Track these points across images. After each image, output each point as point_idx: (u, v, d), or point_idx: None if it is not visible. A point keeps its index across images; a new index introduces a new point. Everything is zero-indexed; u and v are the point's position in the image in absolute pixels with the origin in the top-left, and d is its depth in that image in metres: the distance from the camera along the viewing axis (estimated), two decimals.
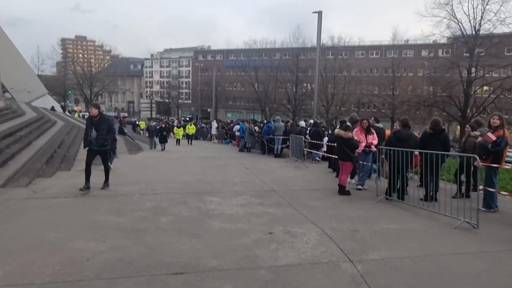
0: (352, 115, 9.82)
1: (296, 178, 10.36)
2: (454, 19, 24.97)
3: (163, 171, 11.45)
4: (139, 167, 12.45)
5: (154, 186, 8.53)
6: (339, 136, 8.06)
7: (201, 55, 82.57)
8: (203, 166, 12.90)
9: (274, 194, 8.00)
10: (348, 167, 8.12)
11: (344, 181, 8.06)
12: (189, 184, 8.97)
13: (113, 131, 8.29)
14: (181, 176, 10.41)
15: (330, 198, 7.74)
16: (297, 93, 46.02)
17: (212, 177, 10.35)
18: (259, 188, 8.66)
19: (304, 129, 15.35)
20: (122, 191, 7.96)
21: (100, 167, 8.52)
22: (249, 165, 13.26)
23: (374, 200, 7.52)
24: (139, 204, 6.78)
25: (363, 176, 8.72)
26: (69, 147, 14.98)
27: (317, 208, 6.86)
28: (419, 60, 42.03)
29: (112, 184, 8.70)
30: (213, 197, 7.54)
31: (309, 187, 9.00)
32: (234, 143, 24.01)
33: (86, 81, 63.33)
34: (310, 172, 11.69)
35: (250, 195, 7.84)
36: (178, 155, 17.08)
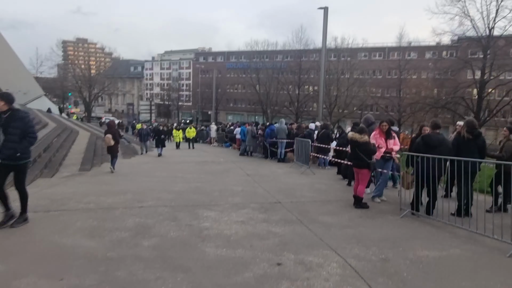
0: (367, 116, 8.72)
1: (303, 187, 9.25)
2: (467, 16, 23.87)
3: (155, 178, 10.35)
4: (130, 174, 11.35)
5: (142, 197, 7.43)
6: (354, 140, 6.96)
7: (202, 57, 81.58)
8: (200, 172, 11.81)
9: (280, 207, 6.90)
10: (365, 176, 7.01)
11: (361, 192, 6.95)
12: (183, 195, 7.87)
13: (33, 137, 5.27)
14: (174, 184, 9.30)
15: (345, 213, 6.63)
16: (299, 95, 44.88)
17: (209, 185, 9.25)
18: (262, 200, 7.56)
19: (311, 132, 14.22)
20: (104, 203, 6.85)
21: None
22: (251, 171, 12.16)
23: (397, 215, 6.41)
24: (120, 221, 5.67)
25: (381, 186, 7.60)
26: (56, 150, 13.90)
27: (332, 225, 5.75)
28: (426, 62, 40.92)
29: (94, 194, 7.62)
30: (209, 211, 6.44)
31: (319, 198, 7.89)
32: (235, 147, 22.90)
33: (85, 83, 62.36)
34: (318, 180, 10.58)
35: (252, 208, 6.74)
36: (174, 160, 15.99)
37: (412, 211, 6.41)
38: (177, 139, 23.81)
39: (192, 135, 25.18)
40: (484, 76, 23.63)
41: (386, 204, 7.35)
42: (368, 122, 8.54)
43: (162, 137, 17.84)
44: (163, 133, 18.52)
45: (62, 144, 15.76)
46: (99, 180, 9.91)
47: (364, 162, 6.84)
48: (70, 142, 16.93)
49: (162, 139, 17.79)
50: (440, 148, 6.18)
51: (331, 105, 42.10)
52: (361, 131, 6.95)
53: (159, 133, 18.16)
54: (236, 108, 71.40)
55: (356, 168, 7.12)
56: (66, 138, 17.75)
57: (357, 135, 6.88)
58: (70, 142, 16.93)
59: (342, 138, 11.69)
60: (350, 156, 9.68)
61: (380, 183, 7.58)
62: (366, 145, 6.85)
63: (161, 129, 19.08)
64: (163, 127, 21.55)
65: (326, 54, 18.33)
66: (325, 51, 17.62)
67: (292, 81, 45.68)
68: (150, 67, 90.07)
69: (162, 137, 17.84)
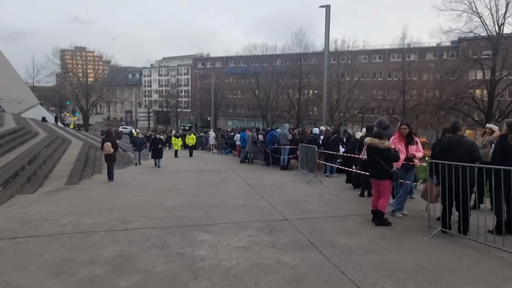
0: (381, 119, 7.78)
1: (311, 199, 8.30)
2: (475, 13, 22.94)
3: (147, 192, 9.40)
4: (120, 186, 10.41)
5: (129, 216, 6.48)
6: (373, 146, 6.02)
7: (200, 63, 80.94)
8: (197, 183, 10.87)
9: (288, 226, 5.95)
10: (387, 188, 6.07)
11: (383, 207, 6.00)
12: (176, 211, 6.91)
13: None
14: (168, 198, 8.36)
15: (364, 231, 5.68)
16: (300, 99, 43.98)
17: (207, 198, 8.30)
18: (267, 216, 6.61)
19: (316, 137, 13.28)
20: (83, 225, 5.90)
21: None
22: (252, 180, 11.23)
23: (426, 235, 5.46)
24: (97, 250, 4.72)
25: (402, 198, 6.64)
26: (43, 162, 12.97)
27: (353, 250, 4.80)
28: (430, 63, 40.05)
29: (76, 213, 6.68)
30: (205, 233, 5.49)
31: (331, 213, 6.93)
32: (235, 154, 21.97)
33: (82, 91, 61.52)
34: (326, 190, 9.63)
35: (256, 228, 5.79)
36: (170, 169, 15.04)
37: (443, 229, 5.47)
38: (176, 147, 22.59)
39: (192, 142, 23.96)
40: (495, 75, 22.66)
41: (409, 220, 6.40)
42: (382, 126, 7.60)
43: (159, 147, 15.83)
44: (159, 142, 16.23)
45: (51, 155, 14.83)
46: (86, 195, 8.97)
47: (385, 171, 5.90)
48: (60, 152, 16.01)
49: (158, 150, 15.77)
50: (456, 151, 5.25)
51: (332, 109, 41.20)
52: (380, 135, 6.02)
53: (155, 143, 15.95)
54: (235, 114, 70.58)
55: (375, 179, 6.17)
56: (57, 147, 16.82)
57: (377, 140, 5.95)
58: (60, 152, 16.01)
59: (352, 143, 10.75)
60: (367, 165, 8.74)
61: (400, 195, 6.62)
62: (388, 151, 5.92)
63: (157, 138, 16.59)
64: (160, 135, 18.91)
65: (328, 55, 17.43)
66: (328, 51, 16.76)
67: (293, 84, 44.81)
68: (148, 74, 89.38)
69: (159, 147, 15.83)
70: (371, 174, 6.25)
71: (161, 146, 16.16)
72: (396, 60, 52.06)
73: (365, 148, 6.28)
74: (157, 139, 16.30)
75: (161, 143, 16.26)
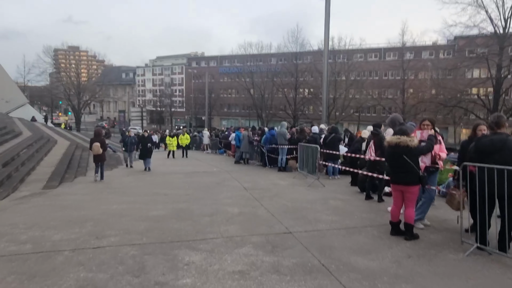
0: (394, 116, 6.84)
1: (315, 205, 7.37)
2: (480, 7, 22.02)
3: (132, 198, 8.41)
4: (102, 191, 9.40)
5: (104, 229, 5.50)
6: (402, 145, 5.01)
7: (195, 62, 79.73)
8: (189, 187, 9.89)
9: (293, 242, 5.00)
10: (415, 195, 5.13)
11: (411, 218, 5.04)
12: (161, 223, 5.94)
13: None
14: (154, 205, 7.37)
15: (384, 248, 4.75)
16: (296, 97, 43.06)
17: (198, 206, 7.34)
18: (267, 228, 5.66)
19: (316, 136, 12.35)
20: (47, 242, 4.92)
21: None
22: (248, 183, 10.28)
23: (459, 252, 4.55)
24: (55, 277, 3.75)
25: (424, 207, 5.72)
26: (21, 164, 11.91)
27: (376, 276, 3.86)
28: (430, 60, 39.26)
29: (43, 226, 5.70)
30: (193, 252, 4.54)
31: (341, 223, 5.99)
32: (230, 154, 20.99)
33: (74, 91, 60.14)
34: (331, 194, 8.70)
35: (255, 245, 4.84)
36: (160, 171, 14.01)
37: (480, 245, 4.55)
38: (171, 147, 21.14)
39: (186, 142, 22.35)
40: (501, 72, 21.82)
41: (433, 232, 5.48)
42: (396, 123, 6.68)
43: (148, 146, 14.12)
44: (148, 141, 14.48)
45: (32, 156, 13.76)
46: (61, 202, 7.96)
47: (415, 175, 4.95)
48: (43, 153, 14.93)
49: (147, 149, 14.09)
50: (501, 154, 4.35)
51: (329, 108, 40.29)
52: (407, 132, 5.07)
53: (143, 141, 14.35)
54: (230, 113, 69.57)
55: (401, 186, 5.16)
56: (40, 148, 15.73)
57: (405, 137, 4.98)
58: (43, 153, 14.93)
59: (357, 143, 9.83)
60: (374, 166, 7.84)
61: (424, 203, 5.69)
62: (420, 150, 4.97)
63: (146, 136, 14.89)
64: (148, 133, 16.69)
65: (328, 52, 16.46)
66: (327, 46, 15.81)
67: (288, 82, 43.89)
68: (142, 73, 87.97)
69: (148, 146, 14.12)
70: (396, 180, 5.21)
71: (151, 145, 14.46)
72: (393, 59, 51.44)
73: (387, 149, 5.30)
74: (145, 138, 14.61)
75: (150, 142, 14.56)
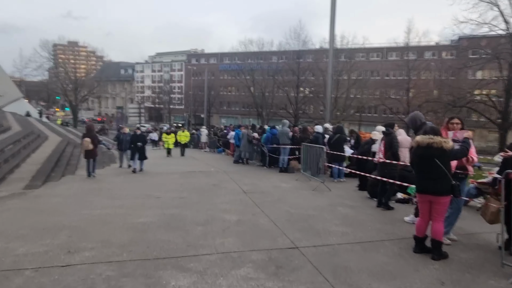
0: (415, 114, 6.04)
1: (323, 213, 6.60)
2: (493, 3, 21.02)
3: (120, 201, 7.62)
4: (87, 193, 8.62)
5: (80, 240, 4.73)
6: (435, 147, 4.19)
7: (194, 59, 78.83)
8: (183, 189, 9.11)
9: (300, 260, 4.23)
10: (445, 207, 4.35)
11: (440, 233, 4.27)
12: (148, 233, 5.17)
13: None
14: (143, 211, 6.59)
15: (410, 270, 3.99)
16: (298, 96, 42.21)
17: (191, 211, 6.57)
18: (269, 241, 4.89)
19: (319, 136, 11.59)
20: (9, 256, 4.14)
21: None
22: (248, 186, 9.51)
23: (501, 278, 3.79)
24: None
25: (452, 218, 4.95)
26: (4, 161, 11.13)
27: None
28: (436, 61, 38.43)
29: (9, 234, 4.96)
30: (180, 273, 3.77)
31: (354, 236, 5.22)
32: (229, 153, 20.24)
33: (71, 86, 59.27)
34: (338, 199, 7.94)
35: (255, 263, 4.07)
36: (154, 171, 13.22)
37: None
38: (167, 145, 20.30)
39: (185, 139, 21.34)
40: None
41: (463, 248, 4.72)
42: (416, 123, 5.91)
43: (138, 145, 12.65)
44: (140, 139, 12.99)
45: (18, 152, 12.98)
46: (40, 204, 7.18)
47: (447, 183, 4.18)
48: (30, 150, 14.14)
49: (139, 148, 12.68)
50: None
51: (330, 107, 39.45)
52: (438, 132, 4.29)
53: (134, 140, 12.87)
54: (230, 111, 68.77)
55: (427, 195, 4.38)
56: (27, 144, 14.94)
57: (439, 138, 4.19)
58: (30, 150, 14.14)
59: (367, 145, 9.07)
60: (383, 169, 7.04)
61: (450, 214, 4.90)
62: (454, 155, 4.20)
63: (138, 134, 13.21)
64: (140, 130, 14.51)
65: (333, 49, 15.64)
66: (333, 40, 15.01)
67: (290, 81, 43.04)
68: (141, 70, 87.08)
69: (138, 145, 12.65)
70: (424, 188, 4.41)
71: (142, 144, 12.86)
72: (395, 58, 50.64)
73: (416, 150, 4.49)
74: (137, 136, 13.03)
75: (142, 141, 12.99)
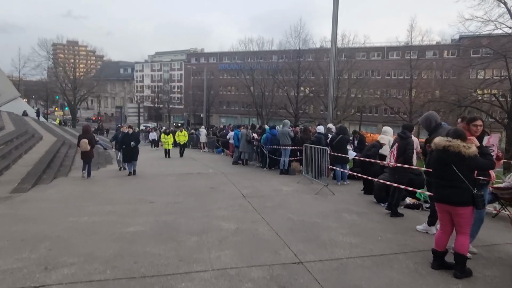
0: (430, 113, 5.55)
1: (328, 220, 6.13)
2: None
3: (110, 206, 7.15)
4: (77, 197, 8.15)
5: (60, 255, 4.25)
6: (452, 151, 3.75)
7: (194, 58, 78.29)
8: (179, 192, 8.65)
9: (306, 278, 3.76)
10: (468, 219, 3.85)
11: (464, 247, 3.79)
12: (136, 244, 4.69)
13: None
14: (133, 219, 6.11)
15: None
16: (298, 95, 41.71)
17: (186, 218, 6.10)
18: (271, 255, 4.41)
19: (321, 137, 11.11)
20: None
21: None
22: (247, 189, 9.04)
23: None
24: None
25: (473, 229, 4.45)
26: None
27: None
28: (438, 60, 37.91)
29: None
30: None
31: (363, 249, 4.73)
32: (228, 153, 19.76)
33: (70, 85, 58.79)
34: (343, 204, 7.46)
35: (254, 284, 3.59)
36: (152, 172, 12.77)
37: None
38: (166, 146, 19.68)
39: (184, 140, 20.63)
40: None
41: (486, 264, 4.23)
42: (432, 123, 5.44)
43: (131, 145, 11.79)
44: (133, 138, 12.04)
45: (9, 153, 12.50)
46: (24, 211, 6.71)
47: (467, 193, 3.71)
48: (22, 150, 13.66)
49: (131, 150, 11.82)
50: None
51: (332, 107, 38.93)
52: (463, 135, 3.82)
53: (126, 140, 11.94)
54: (229, 111, 68.32)
55: (444, 205, 3.93)
56: (20, 145, 14.46)
57: (459, 142, 3.73)
58: (22, 150, 13.66)
59: (375, 148, 8.57)
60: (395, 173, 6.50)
61: (473, 225, 4.44)
62: (475, 160, 3.71)
63: (130, 133, 12.22)
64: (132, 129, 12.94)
65: (336, 47, 15.12)
66: (335, 38, 14.50)
67: (291, 79, 42.52)
68: (141, 69, 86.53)
69: (131, 145, 11.79)
70: (440, 197, 3.97)
71: (135, 144, 11.94)
72: (396, 58, 50.14)
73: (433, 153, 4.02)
74: (129, 135, 12.08)
75: (135, 140, 12.04)
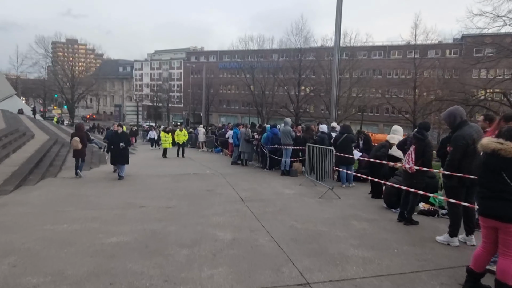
0: (455, 108, 4.87)
1: (335, 229, 5.50)
2: None
3: (95, 211, 6.52)
4: (61, 201, 7.51)
5: (24, 273, 3.63)
6: (501, 155, 3.10)
7: (194, 57, 77.63)
8: (172, 196, 8.01)
9: None
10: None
11: (507, 273, 3.10)
12: (116, 261, 4.06)
13: None
14: (118, 226, 5.48)
15: None
16: (299, 94, 41.05)
17: (177, 226, 5.48)
18: (272, 274, 3.78)
19: (324, 136, 10.48)
20: None
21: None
22: (246, 192, 8.43)
23: None
24: None
25: None
26: None
27: None
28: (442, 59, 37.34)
29: None
30: None
31: (379, 265, 4.11)
32: (227, 153, 19.14)
33: (67, 83, 58.16)
34: (350, 209, 6.83)
35: None
36: (146, 172, 12.14)
37: None
38: (165, 145, 18.91)
39: (183, 139, 19.70)
40: None
41: None
42: (457, 120, 4.81)
43: (120, 146, 10.64)
44: (122, 138, 10.82)
45: None
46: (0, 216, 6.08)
47: None
48: (10, 150, 13.01)
49: (119, 151, 10.66)
50: None
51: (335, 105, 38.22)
52: None
53: (115, 140, 10.88)
54: (229, 110, 67.73)
55: (491, 219, 3.25)
56: (9, 143, 13.81)
57: (509, 144, 3.08)
58: (10, 150, 13.01)
59: (384, 148, 7.93)
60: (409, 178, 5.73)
61: None
62: None
63: (119, 133, 10.98)
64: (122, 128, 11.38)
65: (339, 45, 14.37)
66: (339, 35, 13.79)
67: (291, 78, 41.85)
68: (140, 67, 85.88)
69: (120, 146, 10.64)
70: (487, 210, 3.28)
71: (124, 144, 10.77)
72: (397, 57, 49.55)
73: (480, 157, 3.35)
74: (118, 135, 10.92)
75: (124, 141, 10.86)
